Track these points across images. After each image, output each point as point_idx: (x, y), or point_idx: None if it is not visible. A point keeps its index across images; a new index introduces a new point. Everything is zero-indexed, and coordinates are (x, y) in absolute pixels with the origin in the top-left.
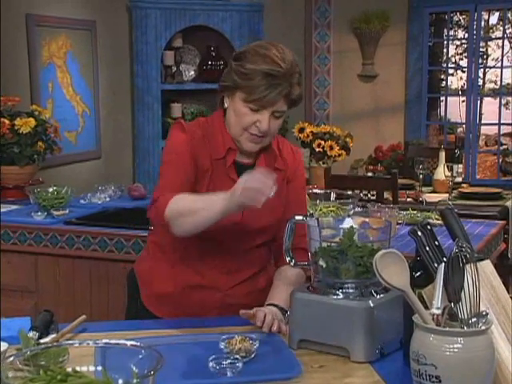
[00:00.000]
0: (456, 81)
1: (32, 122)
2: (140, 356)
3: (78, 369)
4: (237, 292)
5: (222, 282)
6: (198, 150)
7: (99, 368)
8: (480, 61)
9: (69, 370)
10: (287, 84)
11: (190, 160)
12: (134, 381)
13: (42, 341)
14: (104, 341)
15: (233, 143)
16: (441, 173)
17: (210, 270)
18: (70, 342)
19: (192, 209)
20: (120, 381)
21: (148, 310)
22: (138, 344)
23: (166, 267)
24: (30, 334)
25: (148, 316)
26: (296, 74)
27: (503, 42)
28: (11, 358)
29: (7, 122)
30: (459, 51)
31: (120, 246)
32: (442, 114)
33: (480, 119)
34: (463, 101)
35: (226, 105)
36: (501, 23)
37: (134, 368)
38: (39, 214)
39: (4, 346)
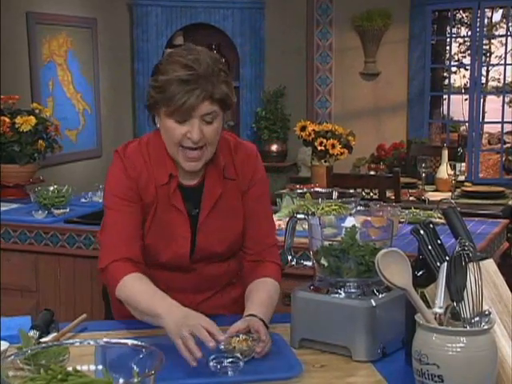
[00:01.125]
0: (459, 79)
1: (32, 120)
2: (141, 355)
3: (78, 368)
4: (206, 306)
5: (188, 301)
6: (141, 183)
7: (100, 367)
8: (483, 58)
9: (69, 369)
10: (207, 86)
11: (134, 198)
12: (135, 380)
13: (42, 340)
14: (104, 340)
15: (174, 168)
16: (443, 171)
17: (176, 293)
18: (71, 341)
19: (137, 306)
20: (121, 380)
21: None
22: (139, 343)
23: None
24: (31, 333)
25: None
26: (219, 72)
27: (506, 40)
28: (12, 357)
29: (7, 120)
30: (462, 49)
31: None
32: (445, 112)
33: (483, 117)
34: (466, 99)
35: (157, 125)
36: (504, 20)
37: (135, 367)
38: (40, 212)
39: (4, 345)
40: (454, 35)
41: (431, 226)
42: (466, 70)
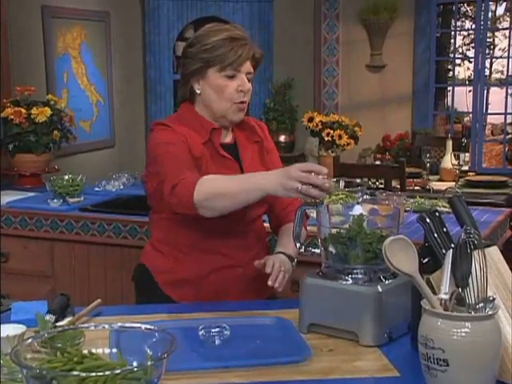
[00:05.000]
0: (463, 71)
1: (48, 111)
2: (154, 339)
3: (93, 351)
4: (254, 266)
5: (240, 257)
6: (187, 137)
7: (114, 350)
8: (487, 51)
9: (85, 352)
10: (250, 44)
11: (184, 146)
12: (149, 363)
13: (58, 324)
14: (119, 324)
15: (214, 124)
16: (448, 161)
17: (227, 247)
18: (86, 325)
19: (228, 189)
20: (134, 363)
21: (170, 299)
22: (152, 327)
23: (187, 256)
24: (47, 317)
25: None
26: (249, 37)
27: (510, 33)
28: (29, 340)
29: (24, 111)
30: (466, 42)
31: (133, 232)
32: (449, 103)
33: (486, 109)
34: (470, 91)
35: (198, 91)
36: (508, 14)
37: (148, 350)
38: (55, 201)
39: (22, 328)
40: (458, 28)
41: (437, 214)
42: (470, 62)
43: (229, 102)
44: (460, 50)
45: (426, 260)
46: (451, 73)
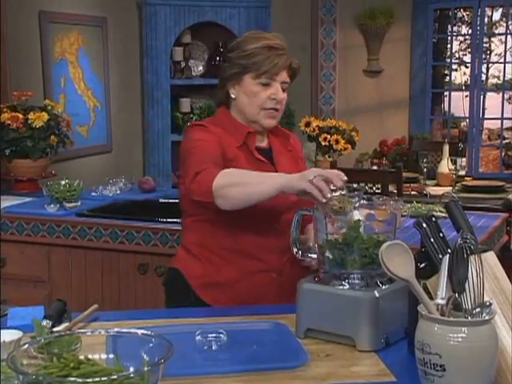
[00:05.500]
0: (460, 76)
1: (45, 116)
2: (151, 344)
3: (90, 357)
4: (289, 271)
5: (274, 261)
6: (223, 139)
7: (111, 356)
8: (483, 56)
9: (81, 357)
10: (287, 55)
11: (218, 145)
12: (145, 368)
13: (55, 329)
14: (115, 330)
15: (249, 128)
16: (444, 166)
17: (262, 251)
18: (83, 330)
19: (246, 180)
20: (131, 368)
21: (203, 302)
22: (149, 333)
23: (222, 259)
24: (44, 323)
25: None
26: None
27: (506, 38)
28: (25, 346)
29: (21, 116)
30: (463, 47)
31: (131, 237)
32: (446, 108)
33: (483, 114)
34: (467, 96)
35: (233, 95)
36: (504, 19)
37: (145, 356)
38: (52, 206)
39: (19, 334)
40: (454, 33)
41: (433, 219)
42: (467, 67)
43: (259, 107)
44: (457, 56)
45: (423, 265)
46: (448, 78)
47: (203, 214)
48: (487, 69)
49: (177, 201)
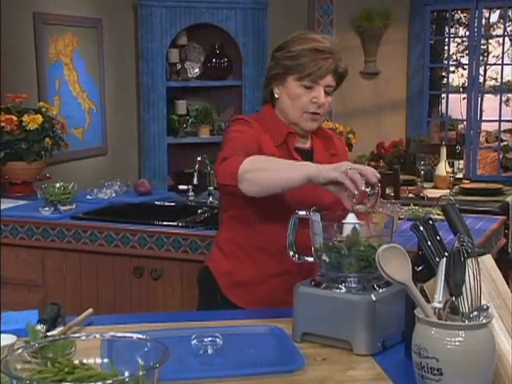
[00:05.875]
0: (457, 78)
1: (39, 118)
2: (146, 349)
3: (84, 361)
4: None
5: (299, 267)
6: (261, 136)
7: (106, 360)
8: (481, 58)
9: (76, 362)
10: (334, 58)
11: (255, 140)
12: (140, 373)
13: (49, 333)
14: (110, 334)
15: (291, 128)
16: (442, 169)
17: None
18: (77, 334)
19: (273, 166)
20: (126, 373)
21: (229, 302)
22: (144, 337)
23: (247, 258)
24: (38, 327)
25: (229, 308)
26: (337, 52)
27: (504, 40)
28: (19, 351)
29: (15, 118)
30: (460, 49)
31: (126, 240)
32: (443, 110)
33: (481, 116)
34: (464, 98)
35: (276, 95)
36: (501, 21)
37: (140, 360)
38: (46, 209)
39: (12, 338)
40: (452, 35)
41: (431, 222)
42: (464, 69)
43: (300, 110)
44: (454, 57)
45: (420, 268)
46: (445, 80)
47: (234, 208)
48: (485, 71)
49: (172, 204)
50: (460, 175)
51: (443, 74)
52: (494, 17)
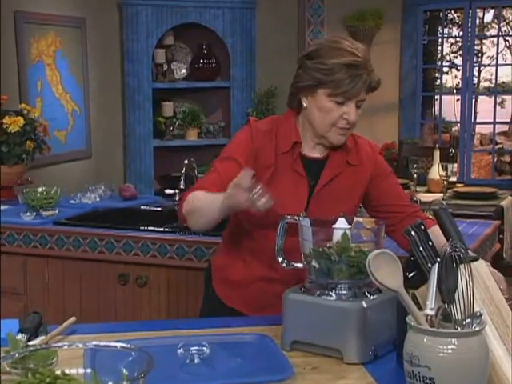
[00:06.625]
0: (451, 79)
1: (21, 120)
2: (130, 358)
3: (67, 371)
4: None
5: (292, 277)
6: (262, 144)
7: (89, 370)
8: (475, 59)
9: (58, 372)
10: (367, 72)
11: (247, 155)
12: (124, 383)
13: (30, 343)
14: (94, 343)
15: (299, 137)
16: (435, 172)
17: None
18: (60, 344)
19: (199, 207)
20: (110, 383)
21: (217, 297)
22: (128, 346)
23: (240, 257)
24: (19, 337)
25: (218, 305)
26: (368, 61)
27: (498, 40)
28: None
29: None
30: (454, 49)
31: (111, 246)
32: (437, 112)
33: (475, 118)
34: (458, 99)
35: (304, 105)
36: (496, 21)
37: (124, 370)
38: (28, 214)
39: None
40: (445, 35)
41: (422, 227)
42: (458, 70)
43: (330, 125)
44: (447, 58)
45: (412, 274)
46: (438, 81)
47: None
48: (479, 72)
49: (159, 208)
50: (454, 179)
51: (436, 75)
52: (488, 17)
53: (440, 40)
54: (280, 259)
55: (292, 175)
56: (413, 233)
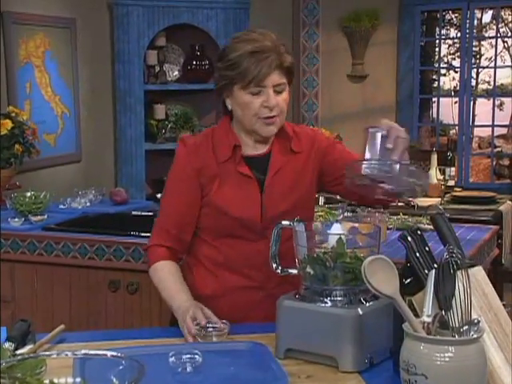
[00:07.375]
0: (448, 81)
1: (9, 123)
2: (121, 367)
3: (55, 381)
4: (277, 290)
5: (261, 278)
6: (201, 158)
7: (78, 380)
8: (473, 60)
9: (46, 382)
10: (276, 55)
11: (189, 182)
12: None
13: (18, 352)
14: (83, 351)
15: (238, 140)
16: (433, 176)
17: (249, 268)
18: (48, 352)
19: (158, 286)
20: None
21: None
22: (119, 354)
23: (207, 271)
24: (6, 345)
25: None
26: (281, 45)
27: (496, 41)
28: None
29: None
30: (452, 51)
31: (101, 252)
32: (434, 115)
33: (473, 121)
34: (456, 102)
35: (229, 107)
36: (494, 22)
37: (115, 379)
38: (16, 219)
39: None
40: (443, 36)
41: (419, 232)
42: (456, 72)
43: (254, 117)
44: (445, 60)
45: (408, 281)
46: (436, 83)
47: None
48: (477, 73)
49: (150, 213)
50: (452, 183)
51: (434, 77)
52: (487, 17)
53: (437, 41)
54: (274, 265)
55: (239, 178)
56: (409, 238)
